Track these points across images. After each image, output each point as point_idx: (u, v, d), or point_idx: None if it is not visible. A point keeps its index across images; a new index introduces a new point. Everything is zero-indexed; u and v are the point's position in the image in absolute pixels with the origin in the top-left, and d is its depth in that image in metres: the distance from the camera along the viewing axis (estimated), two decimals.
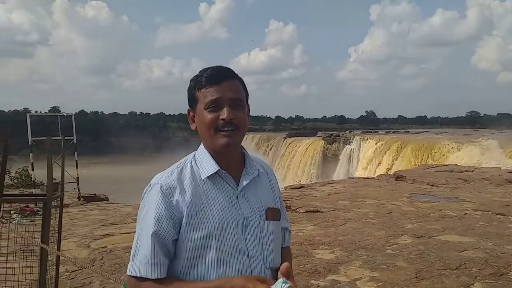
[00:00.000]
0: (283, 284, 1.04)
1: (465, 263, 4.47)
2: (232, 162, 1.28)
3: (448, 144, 32.70)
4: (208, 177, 1.23)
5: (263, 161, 1.45)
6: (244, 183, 1.27)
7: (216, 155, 1.25)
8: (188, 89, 1.29)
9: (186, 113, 1.32)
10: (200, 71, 1.27)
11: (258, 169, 1.33)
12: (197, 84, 1.25)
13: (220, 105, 1.20)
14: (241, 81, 1.29)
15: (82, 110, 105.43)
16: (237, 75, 1.28)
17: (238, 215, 1.22)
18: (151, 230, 1.15)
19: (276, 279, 1.10)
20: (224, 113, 1.19)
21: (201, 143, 1.31)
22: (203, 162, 1.25)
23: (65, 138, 4.82)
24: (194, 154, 1.31)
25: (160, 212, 1.16)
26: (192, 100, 1.27)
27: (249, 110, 1.31)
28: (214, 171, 1.23)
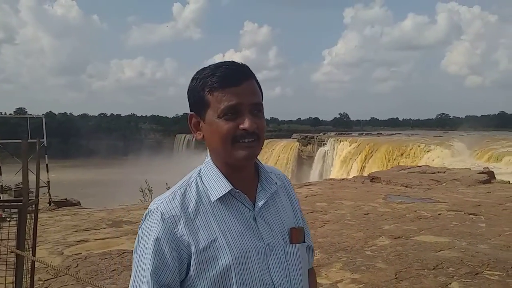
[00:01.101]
0: None
1: (442, 263, 4.57)
2: (246, 177, 1.07)
3: (419, 146, 33.61)
4: (218, 198, 1.02)
5: (277, 169, 1.24)
6: (262, 201, 1.06)
7: (228, 170, 1.05)
8: (191, 89, 1.05)
9: (188, 118, 1.09)
10: (208, 68, 1.04)
11: (275, 183, 1.12)
12: (207, 84, 1.01)
13: (239, 112, 0.99)
14: (257, 80, 1.08)
15: (50, 111, 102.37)
16: (253, 72, 1.07)
17: (258, 241, 1.02)
18: (150, 269, 0.95)
19: None
20: (246, 123, 0.98)
21: (208, 156, 1.10)
22: (211, 180, 1.04)
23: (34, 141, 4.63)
24: (199, 170, 1.09)
25: (161, 247, 0.96)
26: (199, 104, 1.03)
27: None
28: (226, 191, 1.02)
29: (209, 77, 1.01)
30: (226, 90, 0.99)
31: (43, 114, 15.03)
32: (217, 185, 1.03)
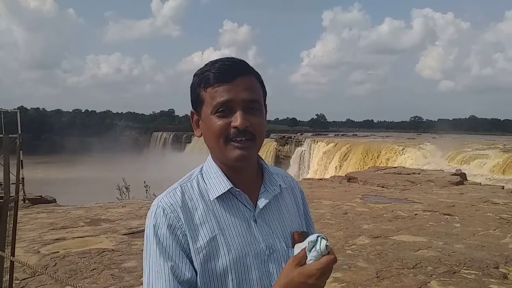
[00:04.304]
0: (320, 241, 0.87)
1: (420, 262, 4.68)
2: (247, 177, 1.05)
3: (394, 147, 34.31)
4: (218, 197, 1.00)
5: (285, 172, 1.23)
6: (263, 203, 1.03)
7: (228, 169, 1.02)
8: (191, 87, 1.04)
9: (190, 116, 1.08)
10: (207, 64, 1.02)
11: (279, 185, 1.09)
12: (203, 81, 1.00)
13: (232, 108, 0.97)
14: (258, 77, 1.05)
15: (22, 106, 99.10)
16: (253, 68, 1.04)
17: (258, 243, 1.00)
18: (167, 266, 0.93)
19: None
20: (237, 120, 0.96)
21: (209, 155, 1.08)
22: (212, 178, 1.03)
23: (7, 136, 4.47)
24: (201, 168, 1.08)
25: (167, 241, 0.95)
26: (197, 101, 1.02)
27: (267, 111, 1.06)
28: (225, 189, 1.00)
29: (205, 72, 1.00)
30: (218, 86, 0.97)
31: (15, 109, 14.57)
32: (217, 183, 1.01)
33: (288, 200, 1.12)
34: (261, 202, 1.03)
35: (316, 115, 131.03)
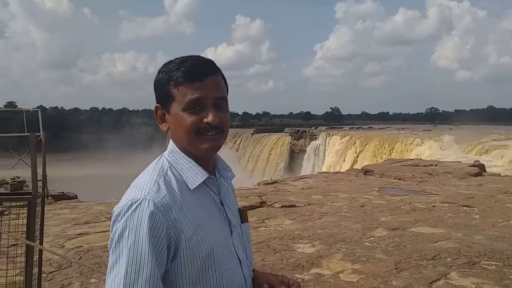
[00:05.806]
0: None
1: (439, 253, 4.67)
2: (210, 166, 1.14)
3: (410, 139, 33.95)
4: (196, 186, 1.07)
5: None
6: (225, 187, 1.16)
7: (197, 159, 1.09)
8: (157, 82, 1.09)
9: (154, 110, 1.12)
10: (174, 61, 1.07)
11: (231, 170, 1.22)
12: (172, 78, 1.05)
13: (203, 105, 1.04)
14: (223, 75, 1.13)
15: (41, 105, 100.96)
16: (218, 67, 1.11)
17: (226, 223, 1.13)
18: (151, 259, 0.94)
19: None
20: (210, 117, 1.04)
21: (171, 145, 1.13)
22: (186, 168, 1.08)
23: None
24: (167, 160, 1.11)
25: (159, 236, 0.95)
26: (165, 97, 1.07)
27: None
28: (204, 178, 1.08)
29: (175, 71, 1.05)
30: (190, 85, 1.03)
31: (36, 107, 14.89)
32: (194, 173, 1.08)
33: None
34: (224, 187, 1.16)
35: (330, 108, 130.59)
